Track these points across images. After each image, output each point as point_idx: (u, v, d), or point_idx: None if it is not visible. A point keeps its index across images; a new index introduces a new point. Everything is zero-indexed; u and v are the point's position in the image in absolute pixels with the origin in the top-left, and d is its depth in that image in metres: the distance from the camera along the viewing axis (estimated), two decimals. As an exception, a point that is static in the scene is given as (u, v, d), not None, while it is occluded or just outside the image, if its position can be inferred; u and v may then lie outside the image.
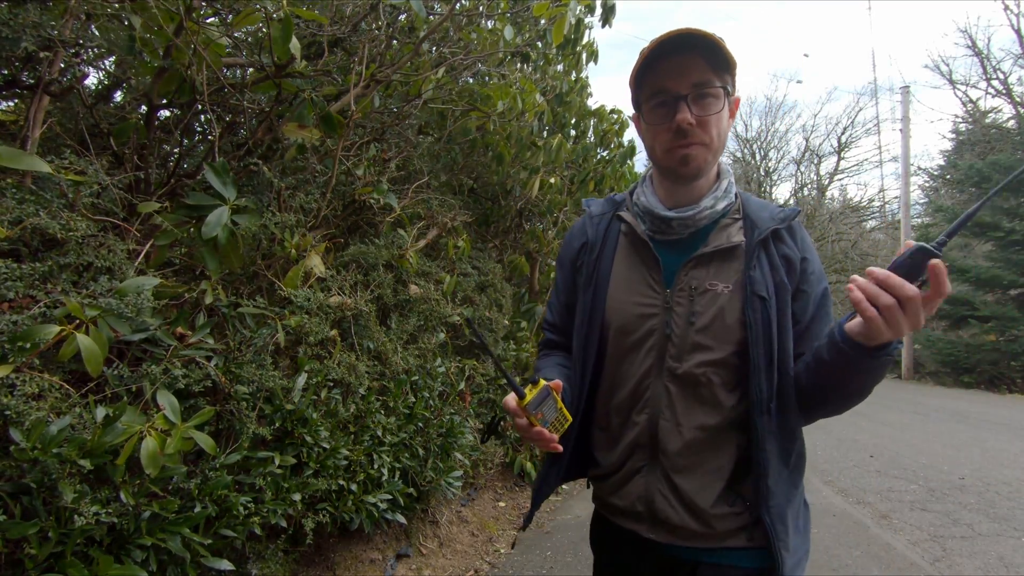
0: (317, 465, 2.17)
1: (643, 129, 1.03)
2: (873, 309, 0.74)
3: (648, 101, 0.98)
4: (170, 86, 1.99)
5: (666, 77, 0.95)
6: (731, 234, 1.01)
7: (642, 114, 1.02)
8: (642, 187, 1.10)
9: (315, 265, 2.33)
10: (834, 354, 0.85)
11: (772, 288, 0.95)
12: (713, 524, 0.98)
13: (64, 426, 1.39)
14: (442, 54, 2.93)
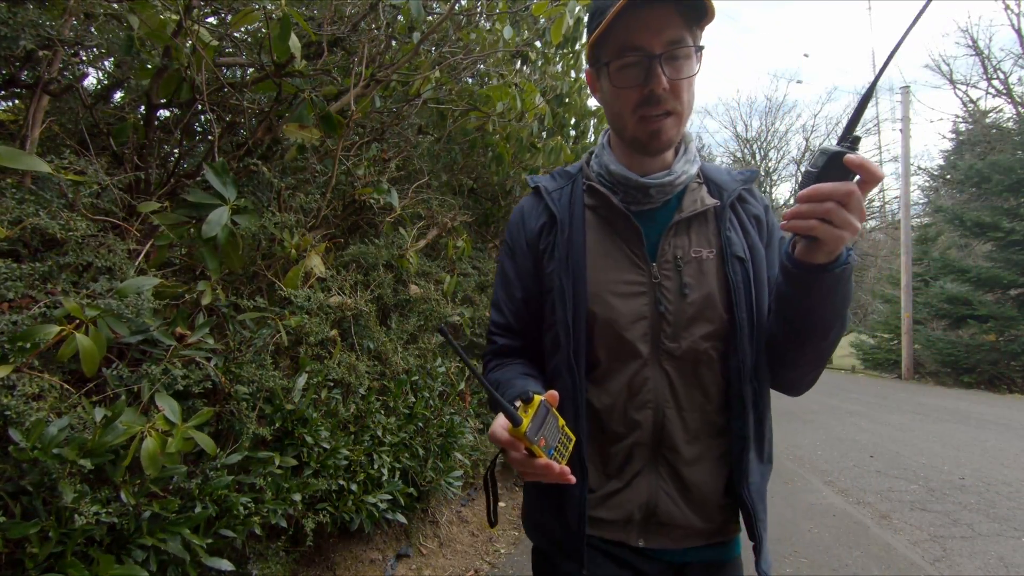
0: (317, 465, 2.17)
1: (606, 91, 0.91)
2: (821, 224, 0.70)
3: (615, 59, 0.86)
4: (170, 86, 1.99)
5: (636, 32, 0.83)
6: (702, 198, 0.95)
7: (605, 74, 0.89)
8: (604, 155, 0.98)
9: (315, 265, 2.33)
10: (793, 284, 0.80)
11: (747, 250, 0.93)
12: (716, 517, 0.93)
13: (64, 426, 1.39)
14: (441, 54, 2.92)
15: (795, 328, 0.85)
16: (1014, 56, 18.21)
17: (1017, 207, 12.67)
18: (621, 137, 0.94)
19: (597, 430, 0.94)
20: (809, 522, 3.69)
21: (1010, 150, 13.97)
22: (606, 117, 0.96)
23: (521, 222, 1.01)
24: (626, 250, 0.93)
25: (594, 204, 0.97)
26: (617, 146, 0.98)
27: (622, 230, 0.94)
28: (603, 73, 0.90)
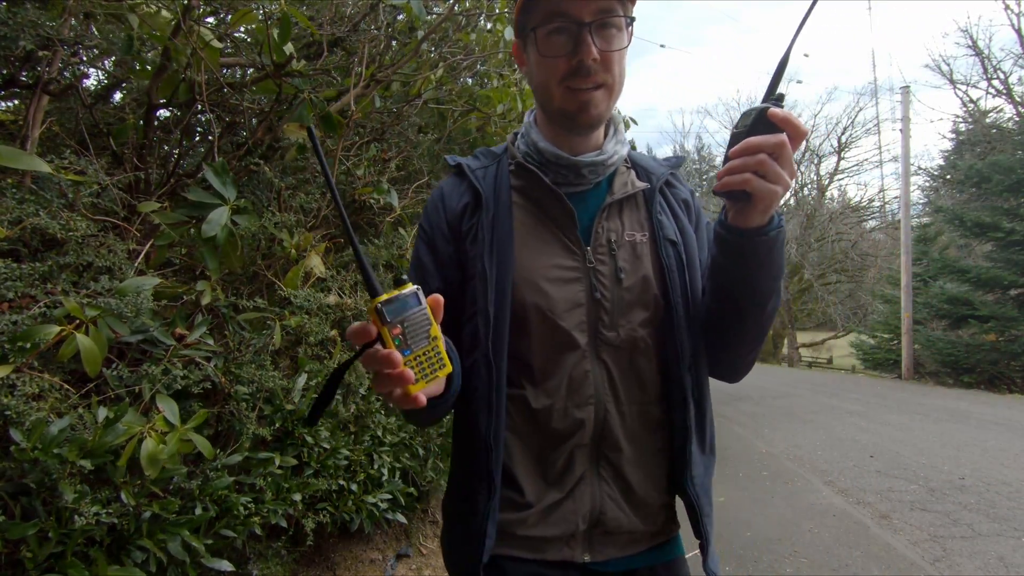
0: (317, 465, 2.17)
1: (533, 61, 0.85)
2: (754, 178, 0.68)
3: (542, 25, 0.81)
4: (169, 86, 1.99)
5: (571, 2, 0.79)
6: (632, 181, 0.92)
7: (532, 42, 0.83)
8: (532, 132, 0.90)
9: (315, 265, 2.33)
10: (729, 254, 0.77)
11: (678, 233, 0.90)
12: (658, 517, 0.88)
13: (64, 426, 1.39)
14: (442, 54, 2.92)
15: (734, 301, 0.81)
16: (1014, 56, 18.22)
17: (1017, 207, 12.66)
18: (547, 111, 0.87)
19: (534, 434, 0.85)
20: (809, 522, 3.69)
21: (1010, 150, 13.97)
22: (532, 90, 0.90)
23: (441, 204, 0.91)
24: (558, 233, 0.87)
25: (522, 185, 0.90)
26: (544, 123, 0.90)
27: (553, 212, 0.87)
28: (530, 41, 0.84)
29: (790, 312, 23.86)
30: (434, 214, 0.91)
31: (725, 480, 4.68)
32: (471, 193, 0.89)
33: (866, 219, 25.49)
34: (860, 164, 27.25)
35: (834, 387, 11.46)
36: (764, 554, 3.20)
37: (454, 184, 0.93)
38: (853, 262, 23.23)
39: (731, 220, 0.75)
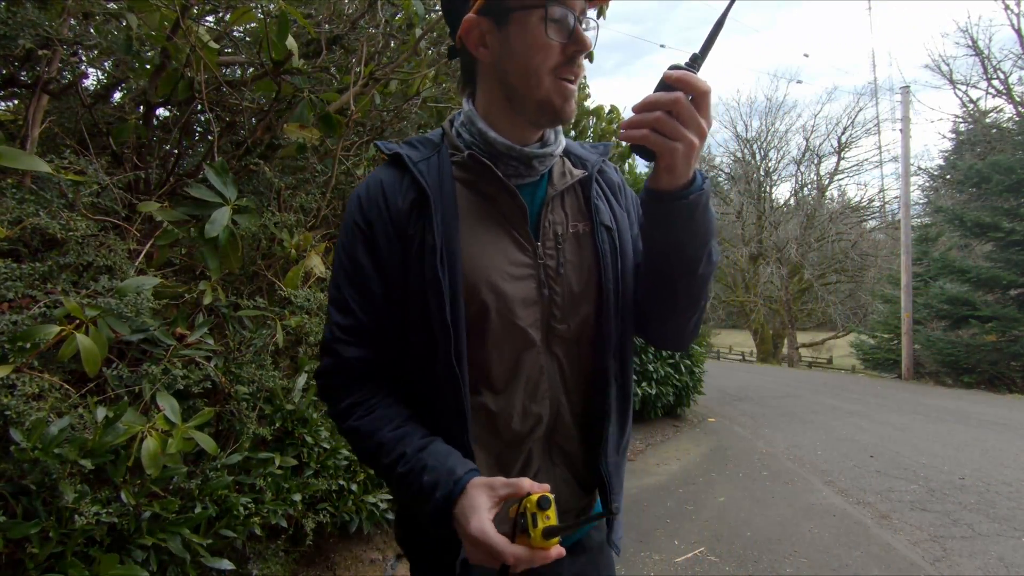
0: (317, 465, 2.17)
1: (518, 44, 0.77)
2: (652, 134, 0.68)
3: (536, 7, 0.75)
4: (168, 86, 1.99)
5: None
6: (570, 170, 0.89)
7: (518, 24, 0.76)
8: (477, 122, 0.83)
9: (315, 265, 2.33)
10: (655, 221, 0.77)
11: (614, 219, 0.89)
12: (589, 492, 0.91)
13: (64, 426, 1.39)
14: (440, 52, 2.92)
15: (664, 268, 0.81)
16: (1014, 56, 18.21)
17: (1017, 207, 12.66)
18: (523, 100, 0.80)
19: (494, 439, 0.83)
20: (809, 522, 3.68)
21: (1010, 150, 13.97)
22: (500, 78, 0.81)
23: (382, 199, 0.81)
24: (509, 229, 0.83)
25: (467, 178, 0.83)
26: (500, 112, 0.83)
27: (504, 207, 0.83)
28: (508, 22, 0.77)
29: (790, 312, 23.87)
30: (373, 211, 0.81)
31: (725, 480, 4.68)
32: (415, 189, 0.80)
33: (866, 219, 25.48)
34: (860, 164, 27.22)
35: (834, 387, 11.46)
36: (764, 554, 3.20)
37: (394, 177, 0.83)
38: (853, 262, 23.23)
39: (650, 184, 0.74)
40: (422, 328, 0.79)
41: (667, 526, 3.58)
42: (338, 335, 0.81)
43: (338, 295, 0.82)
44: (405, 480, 0.74)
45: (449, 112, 3.30)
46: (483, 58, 0.81)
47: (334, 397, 0.83)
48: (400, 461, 0.75)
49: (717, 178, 30.38)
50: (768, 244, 24.35)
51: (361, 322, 0.81)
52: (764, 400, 9.35)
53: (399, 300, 0.81)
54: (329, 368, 0.83)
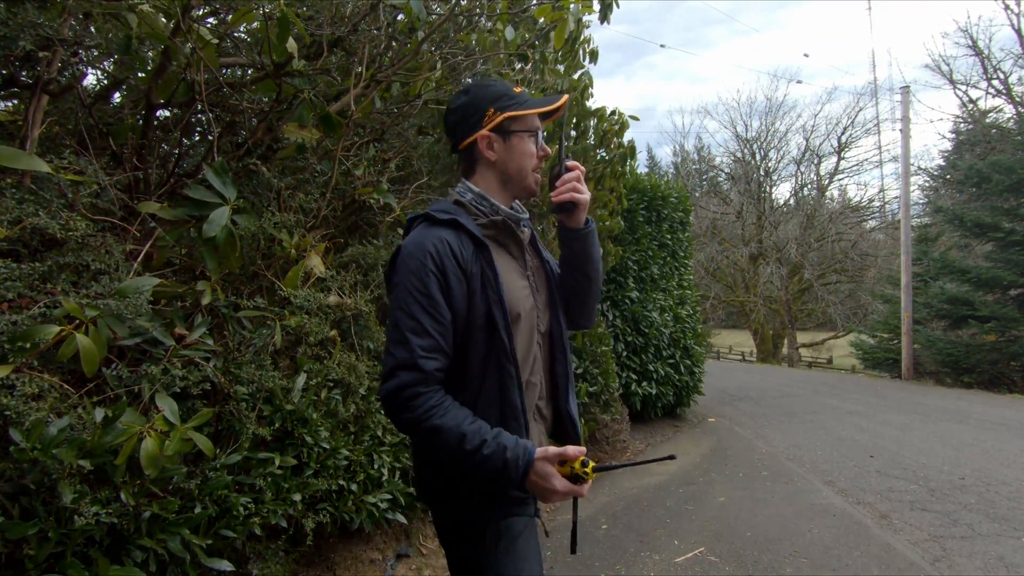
0: (317, 465, 2.17)
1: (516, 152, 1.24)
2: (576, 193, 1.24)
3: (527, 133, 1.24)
4: (169, 86, 1.99)
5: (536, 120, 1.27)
6: (524, 228, 1.33)
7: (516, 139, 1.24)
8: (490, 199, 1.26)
9: (315, 265, 2.33)
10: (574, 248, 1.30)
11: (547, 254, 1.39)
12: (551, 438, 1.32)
13: (64, 426, 1.39)
14: (442, 55, 2.92)
15: (583, 274, 1.33)
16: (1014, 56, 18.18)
17: (1017, 207, 12.65)
18: (514, 185, 1.27)
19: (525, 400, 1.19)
20: (809, 522, 3.68)
21: (1010, 150, 13.96)
22: (501, 171, 1.25)
23: (449, 250, 1.14)
24: (516, 267, 1.27)
25: (492, 233, 1.24)
26: (498, 191, 1.27)
27: (513, 250, 1.28)
28: (508, 139, 1.24)
29: (790, 312, 23.87)
30: (445, 257, 1.14)
31: (725, 480, 4.68)
32: (473, 241, 1.18)
33: (866, 219, 25.47)
34: (860, 164, 27.14)
35: (834, 387, 11.46)
36: (764, 554, 3.20)
37: (453, 235, 1.17)
38: (853, 262, 23.21)
39: (570, 225, 1.28)
40: (487, 330, 1.16)
41: (667, 526, 3.58)
42: (420, 353, 1.09)
43: (414, 324, 1.10)
44: (490, 459, 1.05)
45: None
46: (490, 157, 1.24)
47: (413, 404, 1.07)
48: (484, 445, 1.05)
49: (717, 178, 30.37)
50: (768, 244, 24.35)
51: (436, 341, 1.11)
52: (764, 400, 9.35)
53: (462, 317, 1.15)
54: (412, 381, 1.08)
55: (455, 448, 1.05)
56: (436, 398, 1.08)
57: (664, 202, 7.13)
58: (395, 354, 1.09)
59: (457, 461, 1.08)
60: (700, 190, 29.42)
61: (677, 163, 31.77)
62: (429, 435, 1.07)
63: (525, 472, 1.05)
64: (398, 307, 1.12)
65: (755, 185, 25.89)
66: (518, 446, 1.06)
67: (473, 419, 1.09)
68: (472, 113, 1.24)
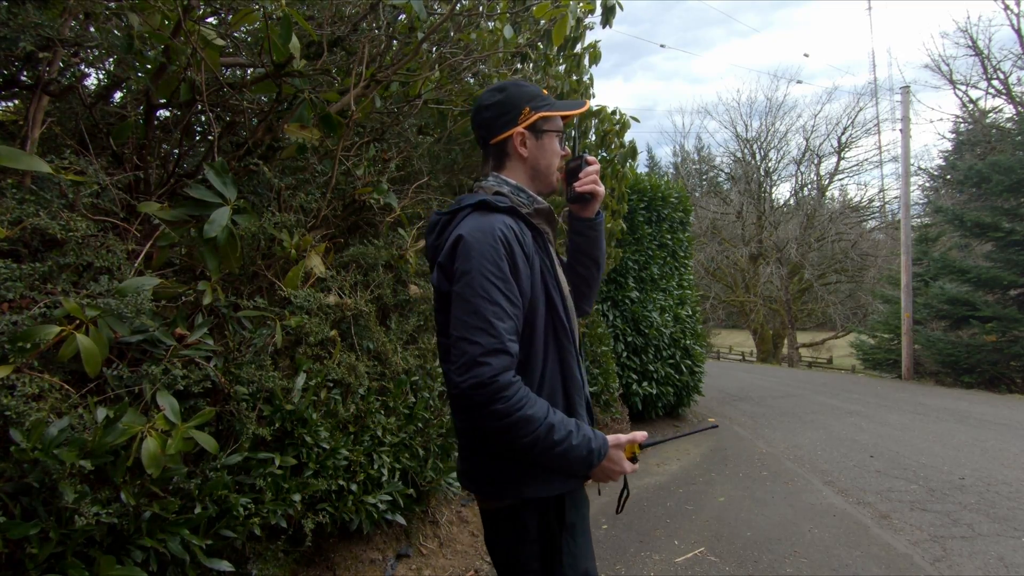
0: (317, 465, 2.17)
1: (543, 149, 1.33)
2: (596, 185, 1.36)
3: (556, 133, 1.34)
4: (169, 86, 1.99)
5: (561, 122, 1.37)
6: None
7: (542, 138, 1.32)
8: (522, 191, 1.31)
9: (315, 265, 2.33)
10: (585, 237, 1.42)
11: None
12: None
13: (64, 427, 1.39)
14: (442, 54, 2.92)
15: (595, 262, 1.45)
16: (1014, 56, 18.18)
17: (1017, 207, 12.65)
18: (541, 180, 1.34)
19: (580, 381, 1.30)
20: (809, 522, 3.69)
21: (1010, 150, 13.96)
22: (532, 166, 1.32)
23: (516, 237, 1.18)
24: (558, 258, 1.36)
25: (538, 223, 1.30)
26: (530, 186, 1.33)
27: (550, 238, 1.34)
28: (540, 137, 1.32)
29: (790, 312, 23.86)
30: (514, 243, 1.18)
31: (725, 480, 4.68)
32: (532, 229, 1.26)
33: (866, 219, 25.47)
34: (860, 164, 27.18)
35: (834, 387, 11.46)
36: (764, 554, 3.20)
37: (514, 222, 1.22)
38: (853, 262, 23.21)
39: (583, 215, 1.41)
40: (548, 311, 1.22)
41: (667, 526, 3.58)
42: (507, 337, 1.09)
43: (496, 308, 1.10)
44: (577, 448, 1.11)
45: (450, 113, 3.30)
46: (523, 153, 1.31)
47: (505, 395, 1.06)
48: (571, 435, 1.12)
49: (717, 178, 30.36)
50: (768, 244, 24.34)
51: (516, 324, 1.14)
52: (764, 400, 9.35)
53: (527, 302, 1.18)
54: (504, 366, 1.07)
55: (542, 437, 1.08)
56: (524, 388, 1.10)
57: (664, 202, 7.13)
58: (480, 341, 1.06)
59: (542, 449, 1.09)
60: (700, 190, 29.41)
61: (677, 163, 31.79)
62: (520, 426, 1.06)
63: (601, 459, 1.15)
64: (476, 293, 1.09)
65: (755, 185, 25.89)
66: (597, 436, 1.15)
67: (553, 409, 1.13)
68: (508, 110, 1.29)
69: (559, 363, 1.22)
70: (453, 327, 1.11)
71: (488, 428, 1.09)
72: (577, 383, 1.25)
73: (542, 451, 1.09)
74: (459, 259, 1.13)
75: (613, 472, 1.18)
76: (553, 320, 1.22)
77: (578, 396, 1.24)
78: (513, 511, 1.20)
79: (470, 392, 1.05)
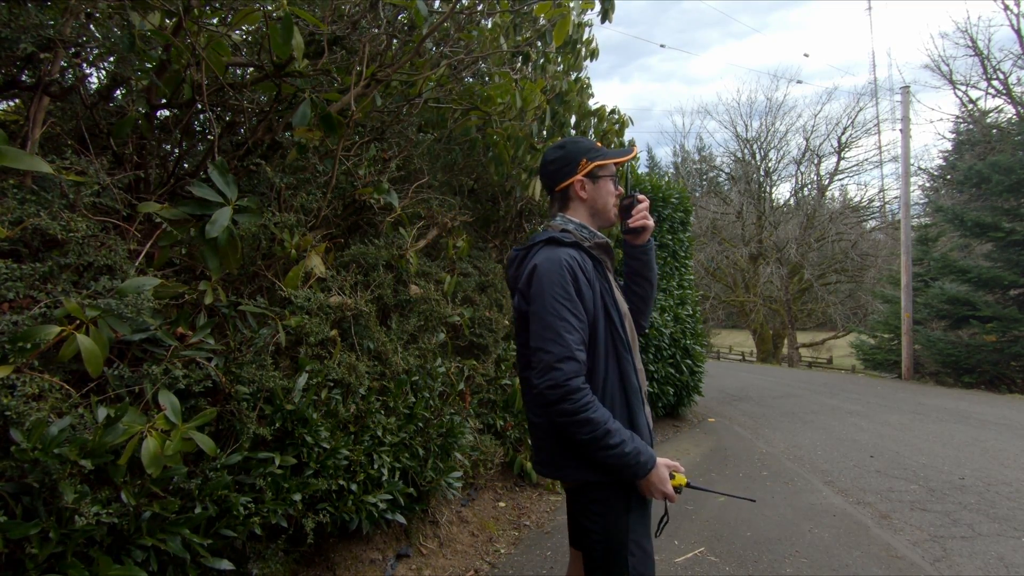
0: (317, 465, 2.17)
1: (600, 192, 1.57)
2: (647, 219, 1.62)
3: (610, 177, 1.58)
4: (170, 86, 1.99)
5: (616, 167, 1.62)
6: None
7: (603, 182, 1.57)
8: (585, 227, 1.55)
9: (315, 265, 2.33)
10: (640, 260, 1.68)
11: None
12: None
13: (64, 426, 1.39)
14: (443, 53, 2.92)
15: (649, 281, 1.69)
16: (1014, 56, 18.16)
17: (1017, 207, 12.65)
18: (600, 217, 1.59)
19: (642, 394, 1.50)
20: (809, 522, 3.69)
21: (1010, 150, 13.96)
22: (591, 206, 1.58)
23: (579, 265, 1.43)
24: (615, 281, 1.60)
25: (596, 254, 1.52)
26: (588, 222, 1.57)
27: (609, 267, 1.57)
28: (597, 182, 1.57)
29: (790, 312, 23.86)
30: (576, 271, 1.41)
31: (725, 480, 4.68)
32: (592, 259, 1.48)
33: (866, 219, 25.46)
34: (860, 164, 27.18)
35: (834, 387, 11.46)
36: (764, 554, 3.20)
37: (577, 253, 1.45)
38: (853, 262, 23.20)
39: (636, 243, 1.67)
40: (608, 326, 1.44)
41: (667, 526, 3.58)
42: (575, 346, 1.33)
43: (564, 323, 1.34)
44: (629, 455, 1.33)
45: (451, 113, 3.30)
46: (583, 196, 1.57)
47: (574, 397, 1.30)
48: (624, 443, 1.33)
49: (717, 178, 30.35)
50: (768, 244, 24.34)
51: (582, 336, 1.36)
52: (764, 400, 9.35)
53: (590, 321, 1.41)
54: (574, 371, 1.31)
55: (600, 438, 1.30)
56: (590, 395, 1.32)
57: (665, 202, 7.14)
58: (552, 350, 1.31)
59: (598, 447, 1.32)
60: (700, 190, 29.40)
61: (677, 163, 31.77)
62: (582, 424, 1.30)
63: (647, 472, 1.36)
64: (547, 311, 1.35)
65: (755, 185, 25.89)
66: (647, 452, 1.37)
67: (613, 418, 1.34)
68: (569, 163, 1.55)
69: (618, 370, 1.43)
70: (532, 340, 1.37)
71: (558, 423, 1.33)
72: (634, 387, 1.45)
73: (597, 449, 1.32)
74: (534, 285, 1.39)
75: (656, 489, 1.39)
76: (612, 334, 1.43)
77: (635, 397, 1.45)
78: (580, 489, 1.47)
79: (546, 391, 1.30)
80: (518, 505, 3.82)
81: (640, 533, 1.47)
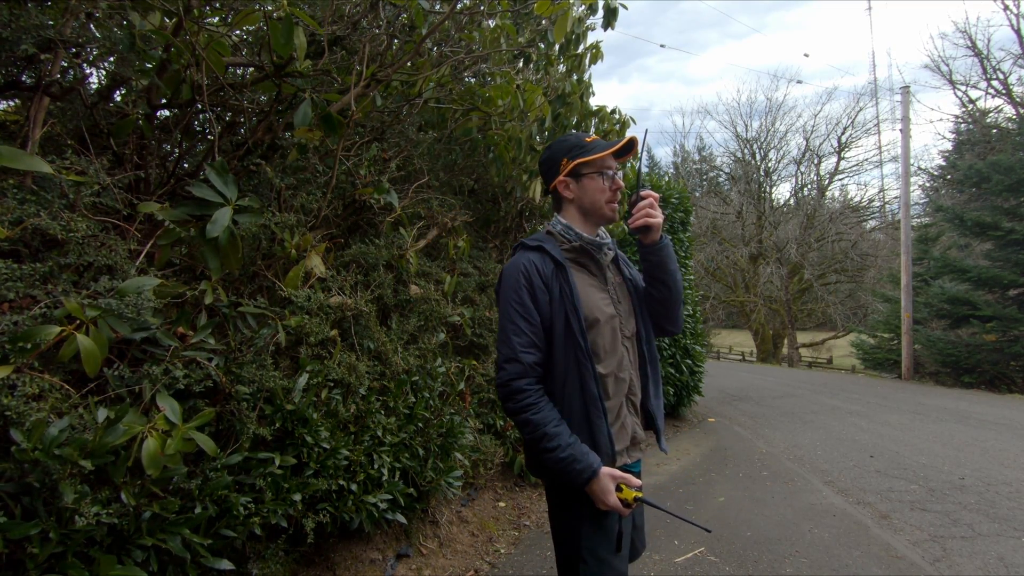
0: (317, 465, 2.17)
1: (584, 189, 1.51)
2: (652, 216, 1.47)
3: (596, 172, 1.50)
4: (170, 86, 1.99)
5: (608, 161, 1.52)
6: (606, 249, 1.58)
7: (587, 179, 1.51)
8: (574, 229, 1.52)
9: (315, 265, 2.33)
10: (653, 261, 1.53)
11: (630, 273, 1.65)
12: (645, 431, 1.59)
13: (65, 427, 1.39)
14: (443, 53, 2.92)
15: (665, 285, 1.55)
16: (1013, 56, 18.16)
17: (1017, 207, 12.65)
18: (593, 216, 1.53)
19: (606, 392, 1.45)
20: (809, 522, 3.69)
21: (1010, 150, 13.95)
22: (579, 206, 1.53)
23: (535, 269, 1.44)
24: (596, 282, 1.53)
25: (573, 257, 1.52)
26: (581, 222, 1.54)
27: (593, 270, 1.54)
28: (580, 180, 1.51)
29: (790, 312, 23.86)
30: (532, 275, 1.43)
31: (725, 480, 4.68)
32: (554, 263, 1.46)
33: (866, 219, 25.45)
34: (860, 164, 27.16)
35: (834, 387, 11.46)
36: (764, 554, 3.20)
37: (539, 257, 1.46)
38: (853, 262, 23.20)
39: (646, 242, 1.53)
40: (566, 333, 1.41)
41: (667, 526, 3.57)
42: (520, 349, 1.38)
43: (513, 326, 1.40)
44: (564, 461, 1.32)
45: (451, 112, 3.30)
46: (568, 196, 1.54)
47: (516, 398, 1.36)
48: (559, 449, 1.33)
49: (717, 178, 30.34)
50: (768, 244, 24.33)
51: (531, 339, 1.40)
52: (764, 400, 9.35)
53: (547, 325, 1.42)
54: (516, 373, 1.37)
55: (538, 440, 1.34)
56: (534, 397, 1.36)
57: (665, 202, 7.13)
58: (501, 351, 1.40)
59: (538, 450, 1.35)
60: (700, 190, 29.39)
61: (677, 163, 31.77)
62: (523, 425, 1.35)
63: (587, 481, 1.33)
64: (502, 314, 1.43)
65: (755, 185, 25.88)
66: (588, 459, 1.33)
67: (559, 423, 1.35)
68: (553, 164, 1.55)
69: (579, 378, 1.40)
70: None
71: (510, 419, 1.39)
72: (592, 396, 1.40)
73: (538, 451, 1.36)
74: (498, 289, 1.49)
75: (597, 499, 1.35)
76: (569, 340, 1.41)
77: (592, 406, 1.40)
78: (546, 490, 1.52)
79: (498, 389, 1.39)
80: (518, 505, 3.82)
81: (596, 542, 1.42)
